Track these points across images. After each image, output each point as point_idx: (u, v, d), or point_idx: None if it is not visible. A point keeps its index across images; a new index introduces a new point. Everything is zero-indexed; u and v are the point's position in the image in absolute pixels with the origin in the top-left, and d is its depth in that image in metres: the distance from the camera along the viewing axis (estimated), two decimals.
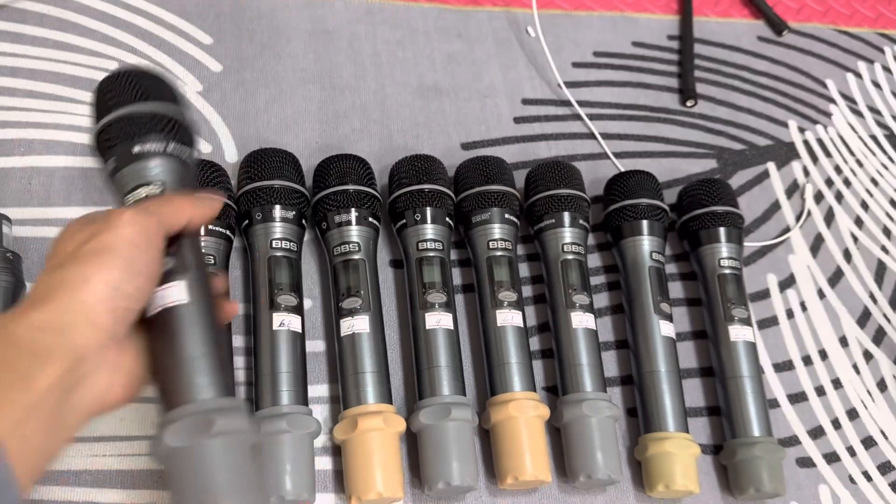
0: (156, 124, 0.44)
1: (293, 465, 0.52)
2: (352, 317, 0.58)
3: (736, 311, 0.65)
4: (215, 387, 0.39)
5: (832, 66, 0.90)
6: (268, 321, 0.56)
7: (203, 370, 0.39)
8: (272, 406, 0.54)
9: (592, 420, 0.58)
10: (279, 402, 0.54)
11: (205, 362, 0.40)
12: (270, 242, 0.59)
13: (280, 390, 0.55)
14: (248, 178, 0.61)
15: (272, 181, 0.60)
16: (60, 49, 0.69)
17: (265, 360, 0.56)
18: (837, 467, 0.66)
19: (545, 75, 0.80)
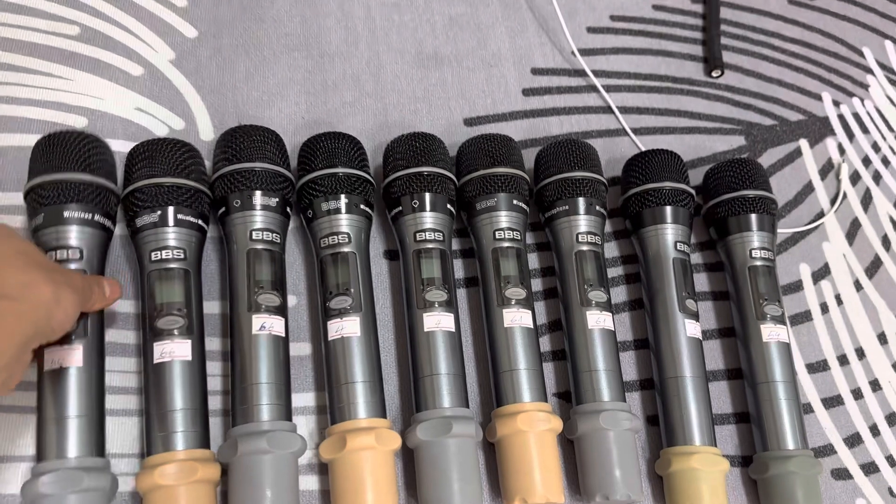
0: (89, 194, 0.49)
1: (274, 489, 0.46)
2: (341, 318, 0.51)
3: (768, 308, 0.59)
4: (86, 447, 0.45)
5: (869, 32, 0.83)
6: (247, 324, 0.50)
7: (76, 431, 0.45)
8: (251, 422, 0.48)
9: (610, 434, 0.52)
10: (259, 417, 0.48)
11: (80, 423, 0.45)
12: (250, 234, 0.52)
13: (260, 404, 0.48)
14: (224, 160, 0.54)
15: (252, 163, 0.53)
16: (15, 12, 0.62)
17: (244, 368, 0.49)
18: (876, 479, 0.60)
19: (557, 42, 0.73)
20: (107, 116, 0.59)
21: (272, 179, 0.53)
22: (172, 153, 0.52)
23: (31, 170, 0.51)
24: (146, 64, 0.62)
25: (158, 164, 0.52)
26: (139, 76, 0.62)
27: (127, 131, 0.59)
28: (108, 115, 0.59)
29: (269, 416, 0.48)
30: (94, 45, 0.62)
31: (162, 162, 0.52)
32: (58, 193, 0.49)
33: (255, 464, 0.46)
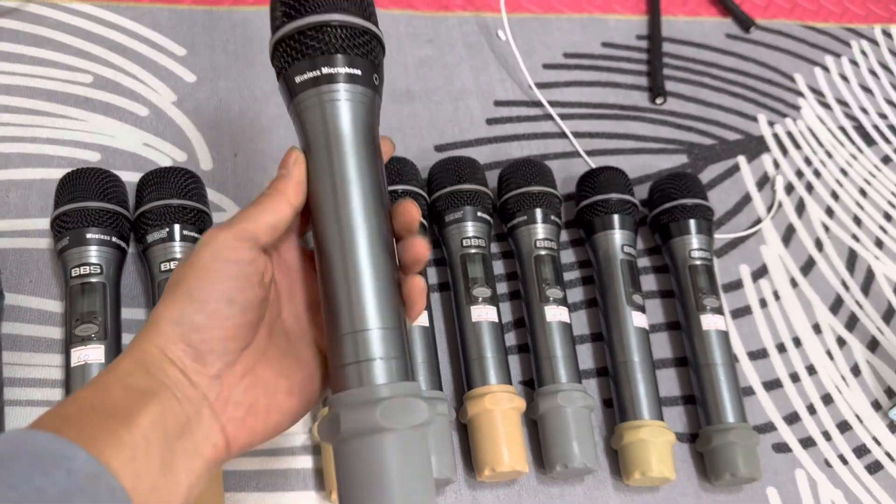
0: (107, 219, 0.57)
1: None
2: None
3: (707, 301, 0.66)
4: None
5: (800, 60, 0.92)
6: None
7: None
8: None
9: (567, 410, 0.59)
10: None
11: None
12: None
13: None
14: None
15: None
16: (36, 64, 0.70)
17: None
18: (813, 452, 0.67)
19: (516, 77, 0.81)
20: (118, 152, 0.67)
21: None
22: (178, 179, 0.60)
23: (57, 200, 0.59)
24: (151, 105, 0.70)
25: (166, 188, 0.59)
26: (145, 116, 0.70)
27: (136, 164, 0.67)
28: (119, 151, 0.67)
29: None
30: (106, 91, 0.70)
31: (169, 186, 0.59)
32: (80, 219, 0.57)
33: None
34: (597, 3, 0.90)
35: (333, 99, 0.39)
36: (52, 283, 0.61)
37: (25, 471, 0.28)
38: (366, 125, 0.40)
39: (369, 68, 0.40)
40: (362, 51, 0.39)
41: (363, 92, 0.39)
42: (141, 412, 0.32)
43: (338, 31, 0.39)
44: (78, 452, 0.29)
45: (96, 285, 0.56)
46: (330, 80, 0.38)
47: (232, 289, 0.35)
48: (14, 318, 0.59)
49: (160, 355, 0.34)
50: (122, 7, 0.75)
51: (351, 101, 0.39)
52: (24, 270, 0.61)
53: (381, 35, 0.41)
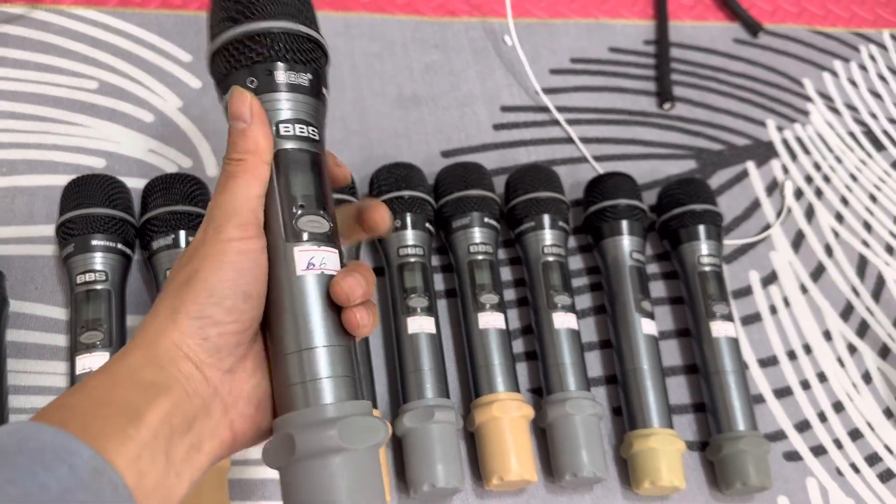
0: (112, 225, 0.57)
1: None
2: None
3: (717, 308, 0.66)
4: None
5: (808, 65, 0.91)
6: None
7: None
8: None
9: (576, 418, 0.58)
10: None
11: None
12: None
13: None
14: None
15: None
16: (42, 71, 0.70)
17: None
18: (825, 460, 0.66)
19: (523, 83, 0.81)
20: (123, 158, 0.67)
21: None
22: (184, 185, 0.60)
23: (63, 206, 0.59)
24: (157, 112, 0.70)
25: (172, 195, 0.59)
26: (151, 122, 0.69)
27: (141, 170, 0.66)
28: (125, 157, 0.67)
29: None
30: (111, 97, 0.70)
31: (175, 193, 0.59)
32: (86, 226, 0.57)
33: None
34: (604, 7, 0.89)
35: (275, 108, 0.37)
36: (57, 290, 0.60)
37: (28, 465, 0.27)
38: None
39: (314, 77, 0.38)
40: (306, 58, 0.38)
41: (305, 101, 0.38)
42: (150, 408, 0.32)
43: (280, 38, 0.37)
44: (82, 448, 0.29)
45: (101, 292, 0.56)
46: (271, 89, 0.37)
47: (247, 282, 0.35)
48: (19, 325, 0.58)
49: (175, 350, 0.34)
50: (128, 13, 0.75)
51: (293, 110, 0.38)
52: (29, 277, 0.60)
53: (324, 43, 0.40)
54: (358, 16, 0.81)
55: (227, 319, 0.35)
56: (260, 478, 0.56)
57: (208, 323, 0.34)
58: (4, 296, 0.57)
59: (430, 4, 0.84)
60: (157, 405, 0.32)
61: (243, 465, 0.56)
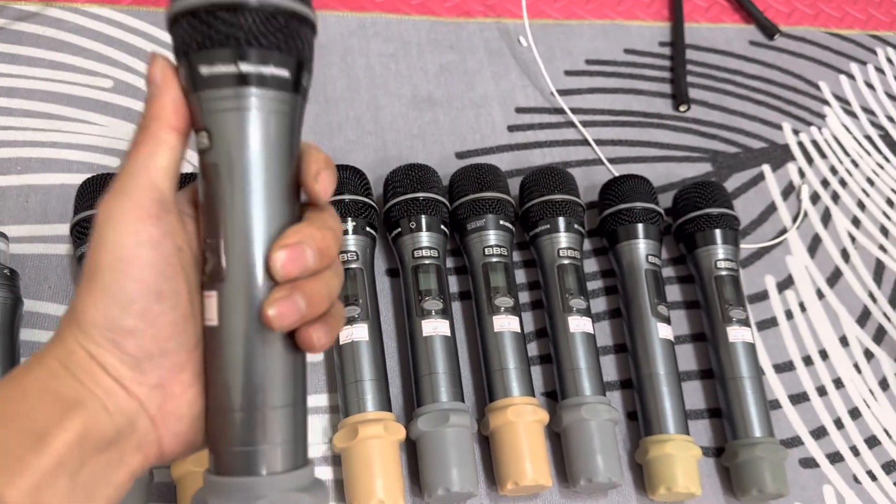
0: None
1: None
2: (351, 325, 0.58)
3: (734, 313, 0.65)
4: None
5: (824, 68, 0.91)
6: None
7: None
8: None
9: (592, 423, 0.57)
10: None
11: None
12: None
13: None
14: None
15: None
16: (56, 69, 0.70)
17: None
18: (841, 467, 0.65)
19: (538, 84, 0.80)
20: None
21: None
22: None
23: (77, 206, 0.59)
24: None
25: None
26: None
27: None
28: None
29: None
30: (126, 96, 0.70)
31: None
32: None
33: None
34: (619, 9, 0.89)
35: (246, 108, 0.31)
36: (71, 289, 0.60)
37: None
38: (285, 142, 0.32)
39: (296, 67, 0.31)
40: (289, 44, 0.31)
41: (285, 99, 0.32)
42: (59, 430, 0.28)
43: (257, 15, 0.30)
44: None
45: None
46: (245, 83, 0.30)
47: (154, 279, 0.29)
48: (32, 324, 0.58)
49: (87, 359, 0.29)
50: (143, 11, 0.75)
51: (273, 111, 0.31)
52: (43, 276, 0.60)
53: (313, 17, 0.32)
54: (373, 16, 0.80)
55: (141, 326, 0.29)
56: None
57: (120, 334, 0.29)
58: (18, 295, 0.56)
59: (444, 5, 0.83)
60: (68, 425, 0.28)
61: None
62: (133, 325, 0.29)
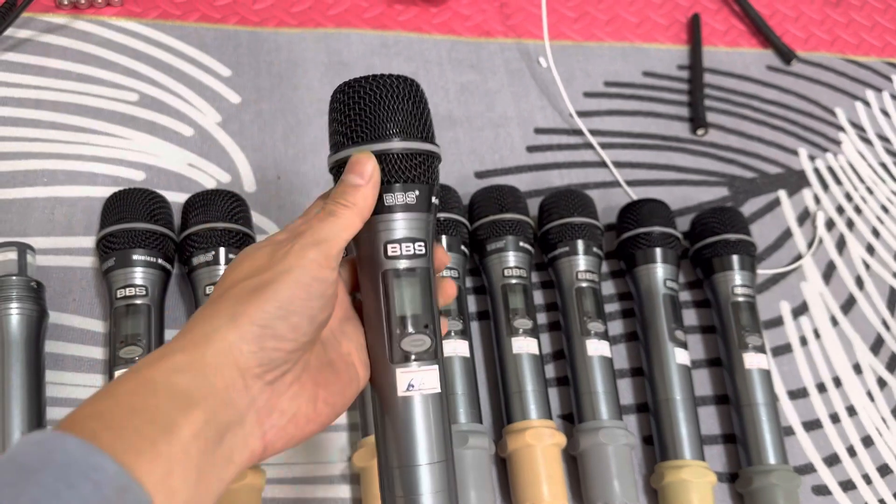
0: (153, 240, 0.58)
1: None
2: None
3: (750, 339, 0.65)
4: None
5: (841, 94, 0.91)
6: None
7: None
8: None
9: (609, 448, 0.58)
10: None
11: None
12: None
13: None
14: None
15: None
16: (83, 81, 0.70)
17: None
18: (854, 495, 0.66)
19: (557, 105, 0.81)
20: (162, 171, 0.67)
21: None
22: (223, 202, 0.60)
23: (104, 220, 0.59)
24: (196, 126, 0.71)
25: (212, 212, 0.59)
26: (190, 136, 0.70)
27: (180, 184, 0.67)
28: (164, 170, 0.67)
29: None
30: (151, 110, 0.70)
31: (215, 209, 0.60)
32: (127, 240, 0.57)
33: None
34: (638, 31, 0.90)
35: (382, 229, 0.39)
36: (95, 302, 0.61)
37: (52, 483, 0.27)
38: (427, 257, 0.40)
39: (424, 191, 0.40)
40: (415, 174, 0.39)
41: (414, 217, 0.40)
42: (185, 421, 0.31)
43: (387, 160, 0.39)
44: (107, 463, 0.28)
45: (141, 307, 0.56)
46: (378, 211, 0.39)
47: (317, 307, 0.36)
48: (57, 336, 0.59)
49: (224, 353, 0.33)
50: (169, 26, 0.76)
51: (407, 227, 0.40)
52: (68, 289, 0.61)
53: (437, 152, 0.41)
54: (395, 34, 0.81)
55: (288, 335, 0.35)
56: (293, 497, 0.56)
57: (269, 334, 0.34)
58: (44, 307, 0.57)
59: (465, 25, 0.84)
60: (193, 417, 0.31)
61: (279, 484, 0.56)
62: (283, 331, 0.35)
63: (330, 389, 0.38)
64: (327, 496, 0.57)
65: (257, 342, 0.34)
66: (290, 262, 0.35)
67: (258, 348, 0.34)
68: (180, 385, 0.32)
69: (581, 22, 0.88)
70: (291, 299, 0.35)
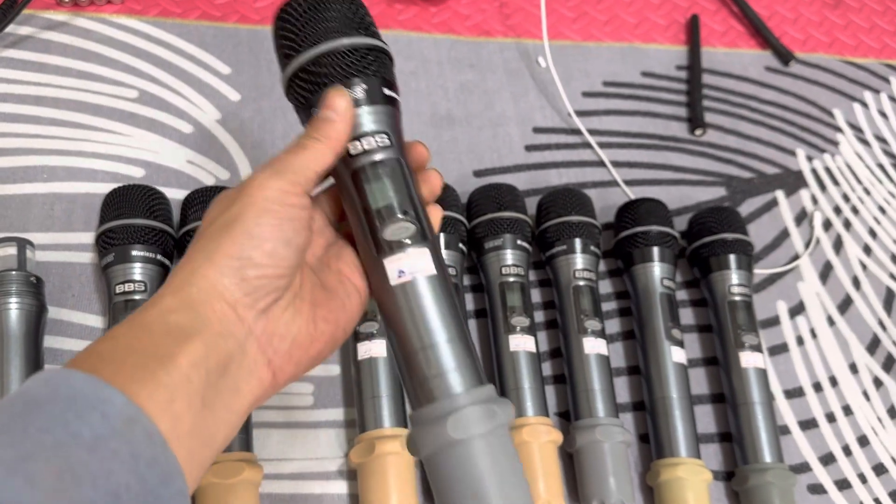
0: (152, 236, 0.58)
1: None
2: (369, 341, 0.58)
3: (746, 338, 0.66)
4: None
5: (839, 95, 0.91)
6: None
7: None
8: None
9: (605, 445, 0.58)
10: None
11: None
12: None
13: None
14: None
15: None
16: (83, 78, 0.71)
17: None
18: (849, 494, 0.66)
19: (555, 104, 0.81)
20: (162, 168, 0.68)
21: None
22: None
23: (103, 216, 0.60)
24: (195, 123, 0.71)
25: None
26: (190, 133, 0.70)
27: (180, 181, 0.67)
28: (163, 167, 0.68)
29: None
30: (151, 107, 0.71)
31: None
32: (126, 236, 0.58)
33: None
34: (637, 32, 0.90)
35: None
36: (94, 298, 0.61)
37: (61, 414, 0.27)
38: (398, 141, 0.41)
39: (374, 84, 0.40)
40: (359, 68, 0.39)
41: (370, 111, 0.40)
42: (182, 352, 0.32)
43: (329, 60, 0.39)
44: (114, 395, 0.29)
45: (140, 303, 0.56)
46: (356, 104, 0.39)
47: (290, 230, 0.36)
48: (56, 331, 0.59)
49: (209, 288, 0.34)
50: (169, 23, 0.76)
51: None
52: (67, 284, 0.61)
53: (382, 45, 0.41)
54: (394, 33, 0.81)
55: (265, 262, 0.35)
56: (290, 492, 0.56)
57: (247, 264, 0.35)
58: (43, 302, 0.57)
59: (465, 24, 0.85)
60: (190, 348, 0.32)
61: (275, 480, 0.57)
62: (260, 259, 0.35)
63: (328, 306, 0.38)
64: (324, 492, 0.57)
65: (237, 274, 0.34)
66: (253, 193, 0.36)
67: (240, 279, 0.34)
68: (174, 322, 0.33)
69: (580, 22, 0.89)
70: (261, 227, 0.35)
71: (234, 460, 0.52)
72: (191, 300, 0.33)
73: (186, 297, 0.34)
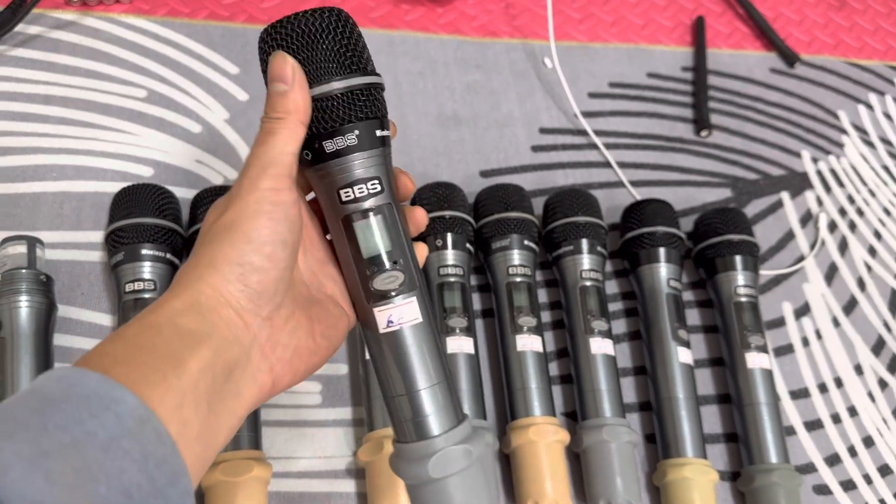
0: (162, 235, 0.58)
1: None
2: None
3: (752, 339, 0.66)
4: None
5: (844, 97, 0.92)
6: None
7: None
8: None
9: (612, 445, 0.58)
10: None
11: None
12: None
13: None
14: None
15: None
16: (92, 77, 0.71)
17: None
18: (854, 495, 0.66)
19: (562, 105, 0.81)
20: (171, 167, 0.68)
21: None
22: None
23: (113, 215, 0.60)
24: (204, 122, 0.71)
25: None
26: (198, 133, 0.70)
27: (188, 180, 0.67)
28: (172, 167, 0.68)
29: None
30: (160, 106, 0.71)
31: None
32: (136, 235, 0.58)
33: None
34: (643, 33, 0.90)
35: (332, 179, 0.39)
36: (103, 296, 0.61)
37: (76, 412, 0.28)
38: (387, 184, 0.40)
39: (367, 128, 0.38)
40: (354, 115, 0.38)
41: (360, 157, 0.38)
42: (192, 356, 0.32)
43: (319, 107, 0.37)
44: (127, 395, 0.29)
45: (149, 301, 0.57)
46: (323, 160, 0.38)
47: (285, 231, 0.36)
48: (65, 330, 0.59)
49: (215, 295, 0.34)
50: (177, 23, 0.76)
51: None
52: (76, 283, 0.61)
53: (376, 83, 0.39)
54: (402, 34, 0.81)
55: (266, 265, 0.35)
56: (299, 490, 0.57)
57: (249, 269, 0.35)
58: (53, 300, 0.58)
59: (471, 25, 0.85)
60: (199, 353, 0.32)
61: (284, 478, 0.57)
62: (260, 263, 0.35)
63: (325, 323, 0.39)
64: (332, 490, 0.57)
65: (241, 280, 0.35)
66: (246, 197, 0.36)
67: (243, 286, 0.35)
68: (183, 326, 0.33)
69: (586, 23, 0.89)
70: (259, 231, 0.35)
71: (243, 458, 0.53)
72: (199, 305, 0.34)
73: (194, 302, 0.34)
